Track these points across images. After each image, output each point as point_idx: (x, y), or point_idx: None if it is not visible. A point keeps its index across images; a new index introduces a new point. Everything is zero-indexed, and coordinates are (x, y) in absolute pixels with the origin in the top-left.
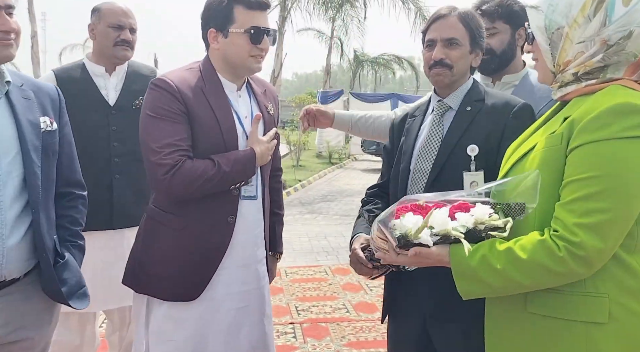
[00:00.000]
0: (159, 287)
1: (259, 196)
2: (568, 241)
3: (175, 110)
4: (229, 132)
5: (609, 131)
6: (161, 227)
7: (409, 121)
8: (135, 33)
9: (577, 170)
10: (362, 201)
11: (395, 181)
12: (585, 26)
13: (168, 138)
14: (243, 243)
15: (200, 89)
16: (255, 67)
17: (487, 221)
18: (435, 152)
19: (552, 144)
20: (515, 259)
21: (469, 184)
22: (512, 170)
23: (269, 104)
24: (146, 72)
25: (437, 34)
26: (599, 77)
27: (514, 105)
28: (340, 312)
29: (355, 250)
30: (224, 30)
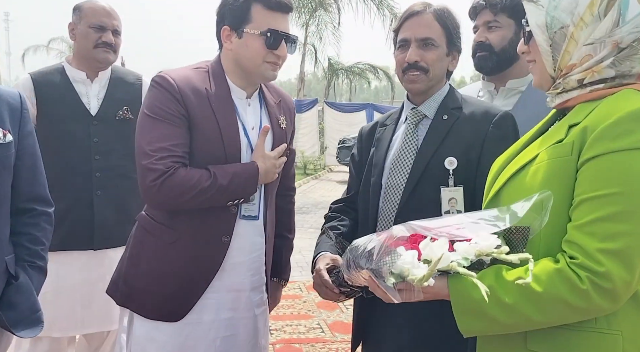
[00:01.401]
0: (141, 303)
1: (260, 216)
2: (591, 271)
3: (174, 112)
4: (232, 143)
5: (630, 140)
6: (150, 238)
7: (380, 130)
8: (119, 36)
9: (594, 185)
10: (326, 216)
11: (365, 196)
12: (594, 26)
13: (163, 141)
14: (237, 266)
15: (205, 92)
16: (270, 74)
17: (494, 254)
18: (409, 166)
19: (559, 155)
20: (528, 293)
21: (447, 200)
22: (507, 187)
23: (282, 117)
24: (131, 80)
25: (410, 33)
26: (606, 82)
27: (494, 114)
28: (315, 332)
29: (319, 271)
30: (239, 29)
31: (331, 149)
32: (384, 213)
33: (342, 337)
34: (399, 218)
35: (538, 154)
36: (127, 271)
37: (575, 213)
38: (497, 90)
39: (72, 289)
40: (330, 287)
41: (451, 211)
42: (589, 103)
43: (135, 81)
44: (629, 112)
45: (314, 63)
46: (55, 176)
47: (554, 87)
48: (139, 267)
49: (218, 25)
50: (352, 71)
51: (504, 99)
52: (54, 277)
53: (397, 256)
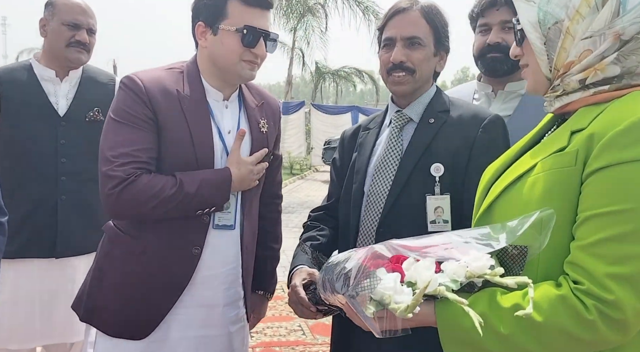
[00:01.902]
0: (103, 319)
1: (237, 226)
2: (599, 299)
3: (139, 115)
4: (203, 148)
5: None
6: (116, 250)
7: (362, 134)
8: (94, 35)
9: (602, 200)
10: (305, 225)
11: (346, 203)
12: (592, 17)
13: (126, 147)
14: (209, 280)
15: (176, 94)
16: (247, 74)
17: (488, 276)
18: (393, 172)
19: (561, 165)
20: (527, 323)
21: (433, 209)
22: (501, 201)
23: (263, 120)
24: (104, 80)
25: (396, 31)
26: (612, 82)
27: (483, 117)
28: (296, 334)
29: (295, 288)
30: (214, 26)
31: (317, 150)
32: (365, 222)
33: (323, 340)
34: (382, 228)
35: (536, 163)
36: (91, 285)
37: (579, 231)
38: (495, 93)
39: (31, 298)
40: (307, 306)
41: (437, 221)
42: (593, 107)
43: (108, 82)
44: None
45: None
46: (17, 179)
47: (551, 89)
48: (103, 281)
49: (193, 21)
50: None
51: (502, 103)
52: (11, 287)
53: (377, 280)
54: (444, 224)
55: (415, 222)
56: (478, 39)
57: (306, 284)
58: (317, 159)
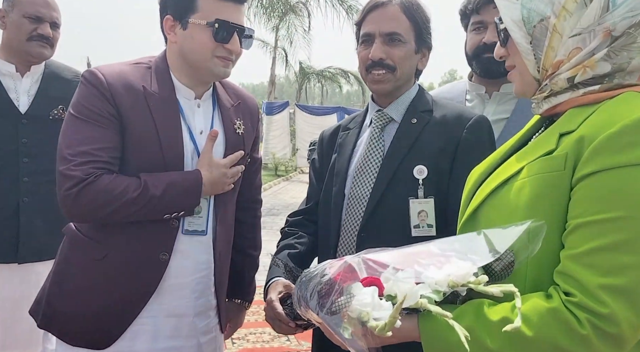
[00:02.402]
0: (63, 327)
1: (209, 231)
2: (593, 312)
3: (101, 112)
4: (172, 149)
5: (637, 153)
6: (77, 253)
7: (342, 135)
8: (57, 29)
9: (594, 207)
10: (282, 231)
11: (325, 207)
12: (580, 13)
13: (84, 145)
14: (178, 288)
15: (142, 89)
16: (220, 71)
17: (471, 285)
18: (374, 174)
19: (550, 169)
20: (517, 337)
21: (416, 213)
22: (486, 206)
23: (239, 121)
24: (68, 76)
25: (375, 26)
26: (602, 82)
27: (468, 118)
28: (280, 340)
29: (272, 303)
30: (183, 19)
31: (302, 151)
32: (347, 227)
33: (308, 346)
34: (363, 232)
35: (523, 167)
36: (50, 290)
37: (570, 240)
38: (489, 94)
39: None
40: (285, 321)
41: (421, 226)
42: (583, 108)
43: (72, 78)
44: (635, 119)
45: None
46: None
47: (539, 90)
48: (63, 286)
49: (161, 15)
50: (323, 75)
51: (497, 105)
52: None
53: (352, 297)
54: (428, 229)
55: (398, 227)
56: (472, 38)
57: (283, 298)
58: (302, 160)
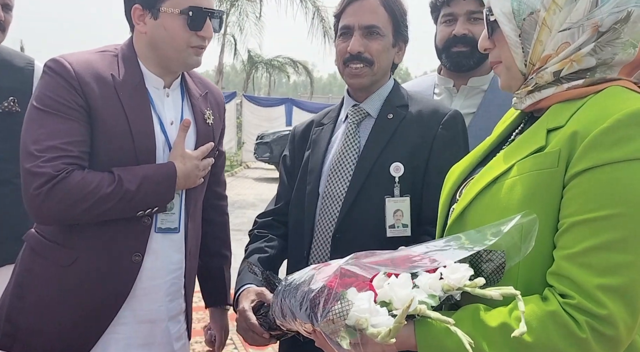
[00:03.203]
0: (26, 345)
1: (181, 229)
2: (592, 315)
3: (69, 103)
4: (144, 140)
5: (631, 148)
6: (41, 262)
7: (316, 131)
8: (9, 11)
9: (588, 205)
10: (251, 234)
11: (298, 207)
12: (570, 7)
13: (53, 139)
14: (151, 291)
15: (111, 80)
16: (194, 60)
17: (468, 288)
18: (350, 171)
19: (542, 167)
20: (516, 343)
21: (392, 213)
22: (475, 206)
23: (208, 111)
24: (20, 64)
25: (354, 19)
26: (585, 76)
27: (443, 113)
28: (227, 348)
29: (244, 313)
30: (154, 8)
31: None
32: (321, 227)
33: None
34: (338, 233)
35: (513, 165)
36: (11, 305)
37: (563, 239)
38: (457, 88)
39: None
40: (259, 332)
41: (396, 225)
42: (568, 103)
43: (25, 65)
44: (628, 113)
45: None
46: None
47: (524, 84)
48: (25, 300)
49: (126, 3)
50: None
51: (465, 99)
52: None
53: (349, 304)
54: (404, 229)
55: (374, 227)
56: (442, 30)
57: (255, 307)
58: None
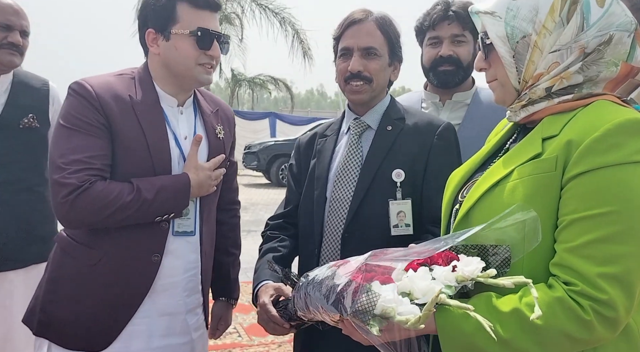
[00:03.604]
0: (60, 333)
1: (196, 232)
2: (594, 300)
3: (92, 121)
4: (160, 154)
5: (620, 154)
6: (70, 261)
7: (320, 141)
8: (27, 37)
9: (586, 204)
10: (264, 235)
11: (307, 210)
12: (559, 32)
13: (78, 153)
14: (170, 287)
15: (129, 100)
16: (205, 78)
17: (481, 278)
18: (355, 178)
19: (542, 171)
20: (528, 326)
21: (395, 214)
22: (479, 207)
23: (219, 126)
24: (37, 84)
25: (353, 41)
26: (573, 92)
27: (438, 125)
28: (232, 337)
29: (265, 306)
30: (165, 31)
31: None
32: (330, 227)
33: (259, 341)
34: (347, 233)
35: (513, 170)
36: (45, 297)
37: (564, 234)
38: (443, 102)
39: None
40: (280, 323)
41: (399, 225)
42: (559, 115)
43: (41, 86)
44: (617, 124)
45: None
46: None
47: (518, 99)
48: (57, 293)
49: (141, 29)
50: (254, 82)
51: (450, 112)
52: None
53: (376, 296)
54: (406, 228)
55: (379, 227)
56: (429, 51)
57: (274, 300)
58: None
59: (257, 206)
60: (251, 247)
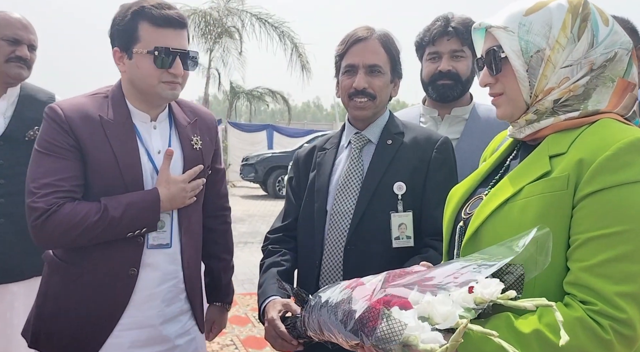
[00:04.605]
0: (49, 344)
1: (174, 243)
2: (614, 318)
3: (61, 144)
4: (130, 170)
5: (634, 172)
6: (55, 276)
7: (320, 154)
8: (34, 51)
9: (601, 222)
10: (265, 250)
11: (307, 222)
12: (571, 47)
13: (47, 177)
14: (149, 299)
15: (98, 118)
16: (168, 94)
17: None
18: (356, 191)
19: (553, 189)
20: (549, 347)
21: (397, 226)
22: (490, 225)
23: (196, 137)
24: (43, 98)
25: (359, 59)
26: (579, 108)
27: (436, 139)
28: (229, 349)
29: (274, 322)
30: (128, 50)
31: (234, 166)
32: (331, 240)
33: None
34: (349, 245)
35: (522, 188)
36: (36, 312)
37: (579, 253)
38: (442, 117)
39: None
40: (288, 339)
41: (401, 237)
42: (565, 133)
43: (47, 100)
44: (627, 142)
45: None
46: None
47: (524, 113)
48: (45, 307)
49: (112, 47)
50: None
51: (449, 127)
52: None
53: (400, 324)
54: (407, 240)
55: (381, 239)
56: (428, 66)
57: (282, 317)
58: (234, 174)
59: (254, 218)
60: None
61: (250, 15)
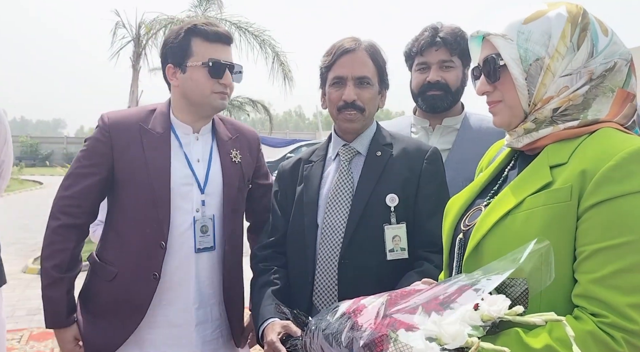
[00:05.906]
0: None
1: (217, 246)
2: (626, 331)
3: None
4: (158, 173)
5: (636, 182)
6: (95, 276)
7: (306, 167)
8: None
9: (608, 233)
10: (255, 268)
11: (298, 237)
12: (570, 56)
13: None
14: (175, 300)
15: (138, 126)
16: (219, 104)
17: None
18: (348, 204)
19: (557, 200)
20: None
21: (391, 238)
22: (492, 236)
23: (236, 151)
24: None
25: (347, 71)
26: (579, 118)
27: (426, 150)
28: None
29: (273, 344)
30: (182, 65)
31: None
32: (324, 254)
33: None
34: (344, 259)
35: (523, 200)
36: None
37: (587, 264)
38: (433, 127)
39: None
40: None
41: (395, 249)
42: (564, 142)
43: None
44: (630, 152)
45: None
46: None
47: (523, 121)
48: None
49: (163, 65)
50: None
51: (440, 137)
52: None
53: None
54: (402, 252)
55: (375, 252)
56: (417, 77)
57: (281, 339)
58: None
59: None
60: None
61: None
